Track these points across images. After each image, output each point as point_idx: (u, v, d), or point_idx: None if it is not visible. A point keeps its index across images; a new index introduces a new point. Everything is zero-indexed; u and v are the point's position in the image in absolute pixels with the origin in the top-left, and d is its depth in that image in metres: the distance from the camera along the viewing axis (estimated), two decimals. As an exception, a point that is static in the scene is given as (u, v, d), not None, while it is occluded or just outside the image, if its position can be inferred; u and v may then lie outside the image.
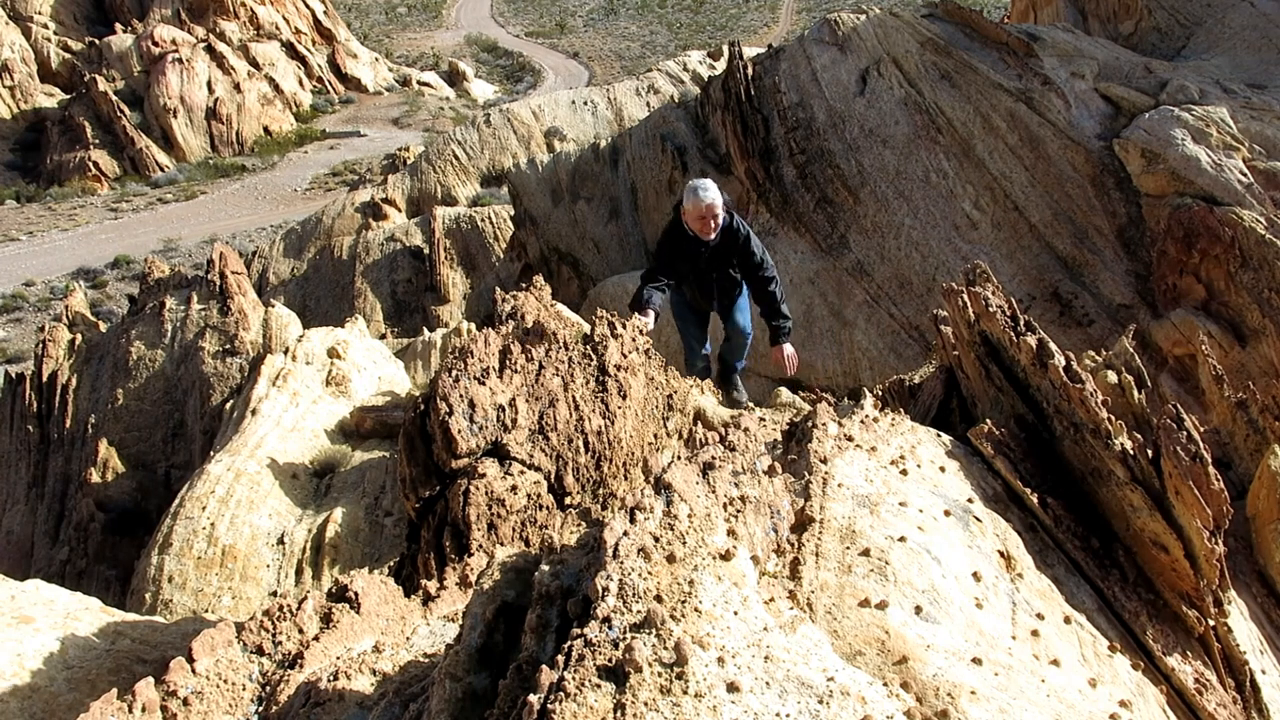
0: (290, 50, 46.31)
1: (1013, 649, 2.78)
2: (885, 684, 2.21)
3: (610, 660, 1.81)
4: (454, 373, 4.44)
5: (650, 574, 2.02)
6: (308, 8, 50.43)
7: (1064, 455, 3.92)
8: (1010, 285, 11.70)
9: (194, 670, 2.79)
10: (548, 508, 4.42)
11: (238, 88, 42.04)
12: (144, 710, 2.60)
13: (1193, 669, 3.42)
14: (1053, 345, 4.11)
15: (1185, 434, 3.55)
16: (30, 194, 36.36)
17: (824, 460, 3.31)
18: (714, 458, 2.68)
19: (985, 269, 5.54)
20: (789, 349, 6.48)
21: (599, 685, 1.76)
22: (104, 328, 11.85)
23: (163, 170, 38.20)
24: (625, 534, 2.09)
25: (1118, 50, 14.51)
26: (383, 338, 13.00)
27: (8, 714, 3.27)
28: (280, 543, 6.57)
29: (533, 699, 1.74)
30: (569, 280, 17.39)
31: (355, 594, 3.14)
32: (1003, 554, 3.26)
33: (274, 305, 10.79)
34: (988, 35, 14.00)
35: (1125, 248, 12.06)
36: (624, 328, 5.31)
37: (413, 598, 3.38)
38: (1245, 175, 11.35)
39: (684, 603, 2.01)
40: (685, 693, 1.81)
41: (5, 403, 11.11)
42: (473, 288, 20.40)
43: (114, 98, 39.09)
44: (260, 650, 2.95)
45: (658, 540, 2.13)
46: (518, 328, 4.93)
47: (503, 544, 4.15)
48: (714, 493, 2.51)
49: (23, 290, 27.03)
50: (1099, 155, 12.32)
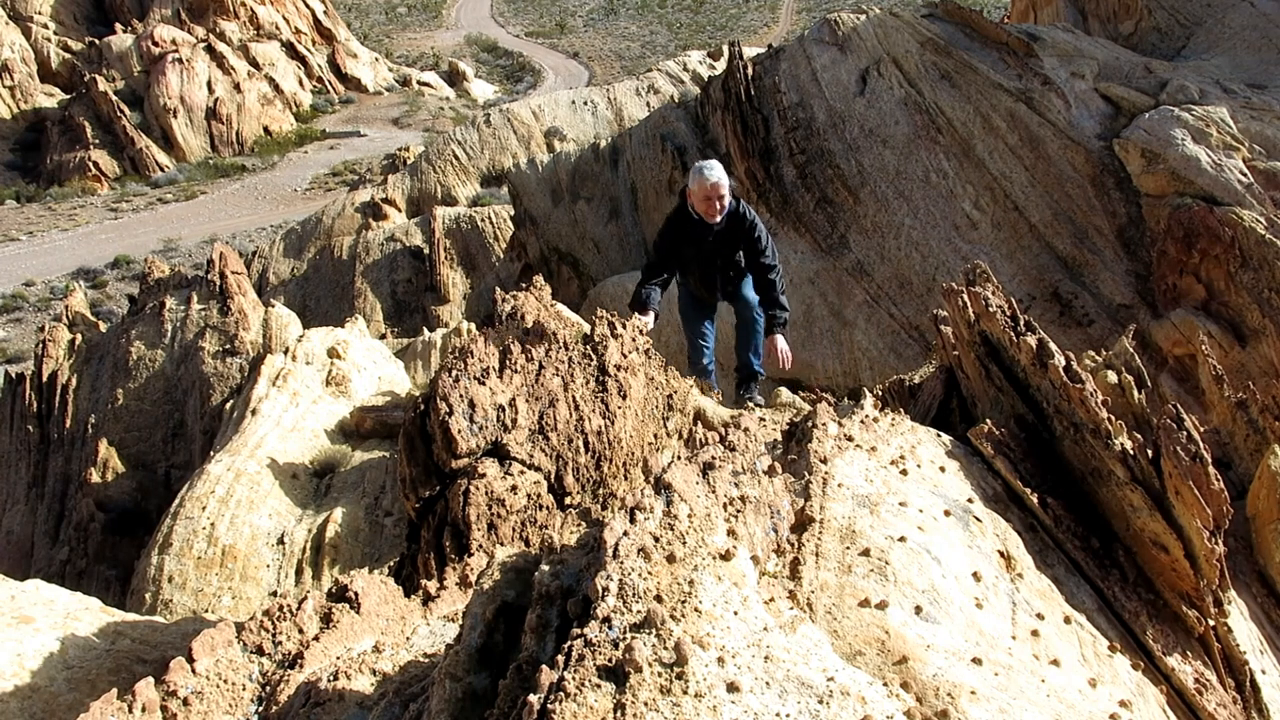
0: (290, 50, 46.32)
1: (1013, 649, 2.78)
2: (885, 684, 2.21)
3: (610, 660, 1.81)
4: (454, 373, 4.44)
5: (650, 574, 2.02)
6: (308, 8, 50.43)
7: (1064, 455, 3.92)
8: (1010, 285, 11.70)
9: (194, 670, 2.79)
10: (548, 508, 4.42)
11: (238, 88, 42.04)
12: (144, 710, 2.60)
13: (1193, 669, 3.42)
14: (1053, 345, 4.11)
15: (1185, 434, 3.55)
16: (30, 194, 36.36)
17: (824, 460, 3.31)
18: (714, 458, 2.68)
19: (985, 269, 5.55)
20: (783, 343, 6.39)
21: (599, 685, 1.76)
22: (104, 328, 11.85)
23: (163, 170, 38.20)
24: (625, 534, 2.09)
25: (1118, 50, 14.51)
26: (383, 338, 13.00)
27: (8, 714, 3.27)
28: (280, 543, 6.57)
29: (533, 699, 1.74)
30: (569, 280, 17.39)
31: (355, 594, 3.14)
32: (1003, 554, 3.26)
33: (274, 305, 10.79)
34: (988, 35, 14.00)
35: (1125, 248, 12.06)
36: (624, 328, 5.31)
37: (413, 598, 3.38)
38: (1245, 175, 11.35)
39: (684, 603, 2.01)
40: (685, 693, 1.81)
41: (5, 403, 11.12)
42: (473, 288, 20.40)
43: (114, 98, 39.10)
44: (260, 650, 2.95)
45: (658, 540, 2.13)
46: (518, 328, 4.93)
47: (503, 544, 4.15)
48: (714, 493, 2.51)
49: (23, 290, 27.04)
50: (1099, 155, 12.32)
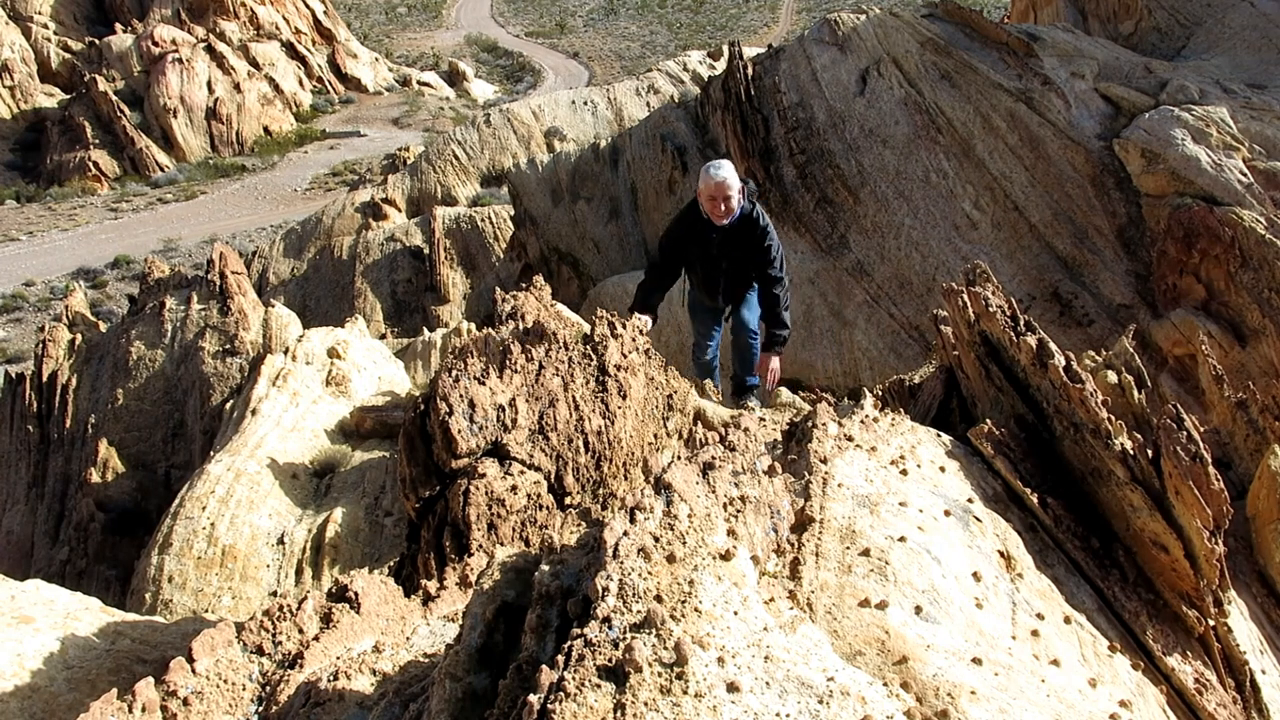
0: (290, 50, 46.32)
1: (1013, 649, 2.78)
2: (885, 684, 2.21)
3: (610, 660, 1.81)
4: (454, 373, 4.45)
5: (650, 574, 2.03)
6: (308, 8, 50.43)
7: (1064, 455, 3.92)
8: (1010, 285, 11.70)
9: (194, 670, 2.79)
10: (548, 508, 4.42)
11: (238, 88, 42.04)
12: (144, 710, 2.60)
13: (1193, 669, 3.42)
14: (1053, 345, 4.11)
15: (1185, 434, 3.55)
16: (30, 194, 36.36)
17: (824, 460, 3.31)
18: (714, 458, 2.68)
19: (985, 269, 5.54)
20: (775, 363, 6.29)
21: (599, 685, 1.76)
22: (104, 328, 11.85)
23: (163, 170, 38.20)
24: (625, 534, 2.09)
25: (1118, 50, 14.51)
26: (383, 338, 13.00)
27: (8, 714, 3.27)
28: (280, 543, 6.57)
29: (533, 699, 1.74)
30: (569, 280, 17.39)
31: (355, 594, 3.14)
32: (1003, 554, 3.26)
33: (274, 305, 10.79)
34: (988, 35, 14.00)
35: (1125, 248, 12.06)
36: (624, 328, 5.31)
37: (413, 598, 3.38)
38: (1245, 175, 11.34)
39: (684, 603, 2.01)
40: (685, 693, 1.81)
41: (5, 403, 11.11)
42: (473, 288, 20.40)
43: (114, 98, 39.10)
44: (260, 650, 2.95)
45: (658, 540, 2.13)
46: (518, 328, 4.93)
47: (503, 544, 4.15)
48: (714, 493, 2.51)
49: (23, 290, 27.04)
50: (1099, 155, 12.32)
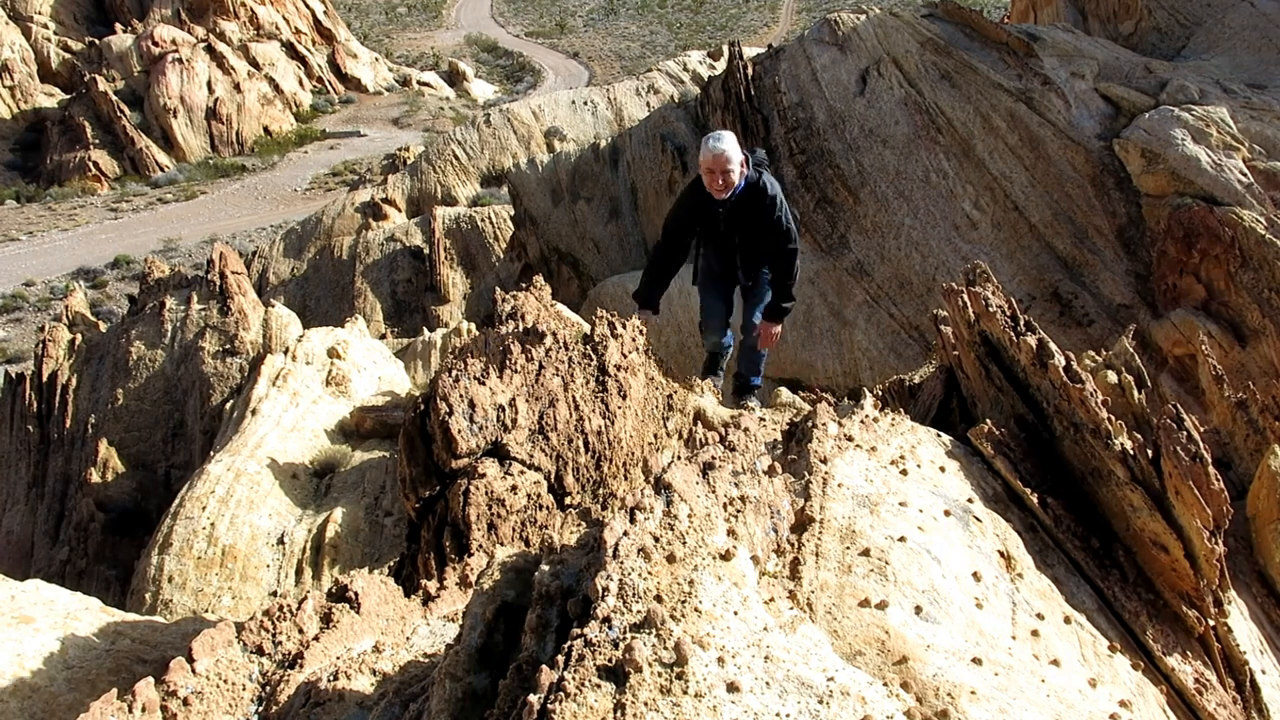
0: (290, 50, 46.31)
1: (1013, 649, 2.78)
2: (885, 684, 2.21)
3: (610, 660, 1.81)
4: (454, 373, 4.45)
5: (650, 574, 2.03)
6: (308, 8, 50.42)
7: (1064, 455, 3.92)
8: (1010, 285, 11.70)
9: (194, 670, 2.79)
10: (548, 508, 4.42)
11: (238, 88, 42.04)
12: (144, 710, 2.60)
13: (1193, 669, 3.42)
14: (1053, 345, 4.11)
15: (1185, 434, 3.55)
16: (30, 194, 36.35)
17: (824, 460, 3.31)
18: (714, 458, 2.68)
19: (985, 269, 5.54)
20: (776, 329, 6.09)
21: (599, 685, 1.76)
22: (104, 328, 11.85)
23: (163, 170, 38.20)
24: (625, 534, 2.09)
25: (1118, 50, 14.51)
26: (383, 338, 13.01)
27: (8, 714, 3.27)
28: (280, 543, 6.57)
29: (533, 699, 1.74)
30: (569, 280, 17.39)
31: (355, 594, 3.14)
32: (1003, 554, 3.26)
33: (274, 305, 10.79)
34: (988, 35, 14.00)
35: (1125, 248, 12.06)
36: (624, 327, 5.31)
37: (413, 598, 3.38)
38: (1245, 175, 11.35)
39: (684, 603, 2.01)
40: (685, 693, 1.81)
41: (5, 403, 11.11)
42: (473, 288, 20.40)
43: (114, 98, 39.09)
44: (260, 650, 2.95)
45: (658, 540, 2.13)
46: (518, 328, 4.93)
47: (503, 544, 4.15)
48: (714, 493, 2.51)
49: (23, 290, 27.03)
50: (1099, 155, 12.32)
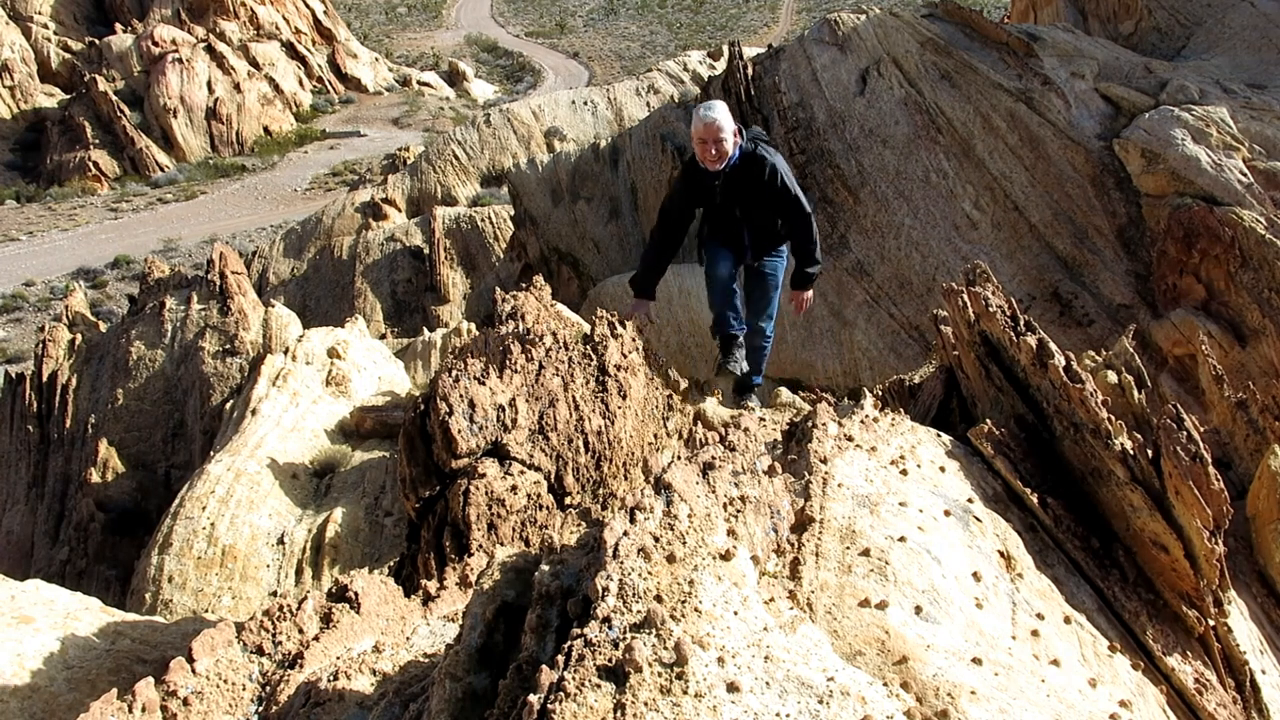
0: (290, 50, 46.31)
1: (1013, 649, 2.78)
2: (885, 684, 2.21)
3: (610, 660, 1.81)
4: (454, 373, 4.45)
5: (650, 574, 2.03)
6: (308, 8, 50.42)
7: (1064, 455, 3.92)
8: (1010, 285, 11.70)
9: (194, 670, 2.79)
10: (548, 508, 4.42)
11: (238, 88, 42.04)
12: (144, 710, 2.60)
13: (1193, 669, 3.42)
14: (1053, 345, 4.11)
15: (1185, 434, 3.55)
16: (30, 194, 36.35)
17: (824, 460, 3.31)
18: (714, 458, 2.68)
19: (985, 269, 5.54)
20: (809, 294, 5.91)
21: (599, 685, 1.76)
22: (104, 328, 11.85)
23: (163, 170, 38.19)
24: (625, 534, 2.09)
25: (1118, 50, 14.51)
26: (383, 338, 13.01)
27: (8, 714, 3.27)
28: (280, 543, 6.57)
29: (533, 699, 1.74)
30: (569, 280, 17.39)
31: (355, 594, 3.14)
32: (1003, 554, 3.26)
33: (274, 305, 10.79)
34: (988, 35, 14.00)
35: (1125, 248, 12.06)
36: (624, 327, 5.32)
37: (413, 598, 3.38)
38: (1245, 175, 11.35)
39: (684, 603, 2.01)
40: (685, 693, 1.81)
41: (5, 403, 11.12)
42: (473, 288, 20.41)
43: (114, 98, 39.09)
44: (260, 650, 2.95)
45: (658, 540, 2.13)
46: (518, 328, 4.93)
47: (503, 544, 4.15)
48: (714, 493, 2.51)
49: (23, 290, 27.03)
50: (1099, 155, 12.32)
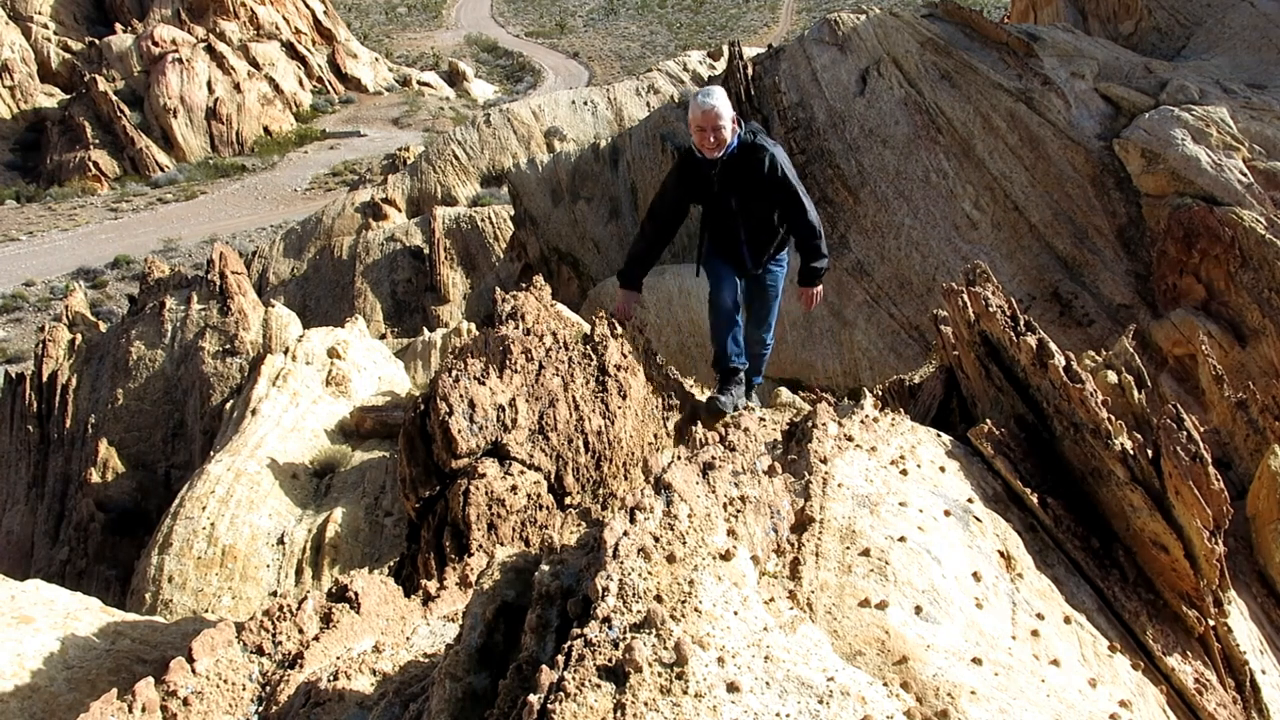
0: (290, 50, 46.30)
1: (1013, 649, 2.78)
2: (885, 684, 2.21)
3: (610, 660, 1.81)
4: (454, 373, 4.45)
5: (650, 574, 2.03)
6: (308, 8, 50.41)
7: (1064, 455, 3.92)
8: (1010, 285, 11.70)
9: (194, 670, 2.79)
10: (548, 508, 4.42)
11: (238, 88, 42.03)
12: (144, 710, 2.60)
13: (1193, 669, 3.42)
14: (1053, 345, 4.11)
15: (1185, 434, 3.55)
16: (30, 194, 36.34)
17: (824, 460, 3.31)
18: (714, 458, 2.68)
19: (985, 269, 5.53)
20: (819, 289, 5.66)
21: (599, 685, 1.76)
22: (104, 328, 11.85)
23: (163, 170, 38.19)
24: (625, 534, 2.09)
25: (1118, 50, 14.52)
26: (383, 338, 13.01)
27: (8, 714, 3.27)
28: (280, 543, 6.57)
29: (533, 699, 1.74)
30: (569, 280, 17.39)
31: (355, 594, 3.14)
32: (1003, 554, 3.26)
33: (274, 305, 10.79)
34: (988, 35, 14.00)
35: (1125, 248, 12.06)
36: (624, 327, 5.32)
37: (413, 598, 3.38)
38: (1245, 175, 11.35)
39: (684, 603, 2.01)
40: (685, 693, 1.81)
41: (5, 403, 11.12)
42: (473, 288, 20.41)
43: (114, 98, 39.08)
44: (260, 650, 2.95)
45: (658, 540, 2.13)
46: (518, 328, 4.93)
47: (503, 544, 4.15)
48: (714, 493, 2.51)
49: (23, 290, 27.03)
50: (1099, 155, 12.32)
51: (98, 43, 43.81)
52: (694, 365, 12.58)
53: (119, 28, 45.27)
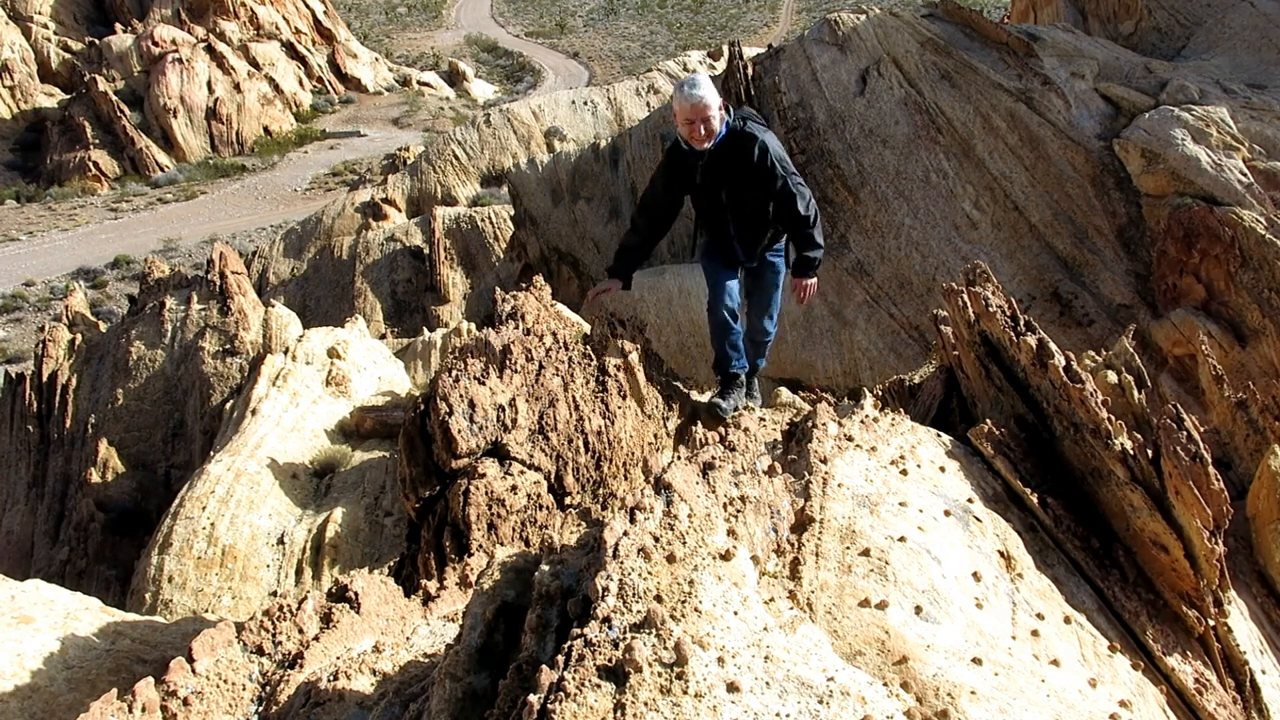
0: (290, 50, 46.31)
1: (1013, 649, 2.78)
2: (885, 684, 2.21)
3: (610, 660, 1.81)
4: (454, 373, 4.45)
5: (650, 574, 2.03)
6: (308, 8, 50.42)
7: (1064, 455, 3.92)
8: (1010, 285, 11.69)
9: (194, 670, 2.79)
10: (548, 508, 4.42)
11: (238, 88, 42.04)
12: (144, 710, 2.60)
13: (1193, 669, 3.42)
14: (1053, 345, 4.11)
15: (1185, 434, 3.55)
16: (30, 194, 36.35)
17: (824, 460, 3.31)
18: (714, 458, 2.68)
19: (985, 269, 5.53)
20: (812, 281, 5.45)
21: (599, 685, 1.76)
22: (104, 328, 11.85)
23: (163, 170, 38.19)
24: (625, 534, 2.09)
25: (1118, 50, 14.51)
26: (383, 338, 13.01)
27: (8, 714, 3.27)
28: (280, 543, 6.57)
29: (533, 699, 1.74)
30: (569, 280, 17.39)
31: (355, 594, 3.14)
32: (1003, 554, 3.26)
33: (274, 305, 10.79)
34: (988, 35, 14.00)
35: (1125, 248, 12.06)
36: (624, 327, 5.32)
37: (413, 598, 3.38)
38: (1245, 175, 11.34)
39: (684, 603, 2.01)
40: (685, 693, 1.81)
41: (5, 403, 11.12)
42: (473, 288, 20.40)
43: (114, 98, 39.09)
44: (260, 650, 2.95)
45: (658, 540, 2.13)
46: (518, 328, 4.93)
47: (503, 544, 4.15)
48: (714, 493, 2.51)
49: (23, 290, 27.03)
50: (1099, 155, 12.32)
51: (98, 43, 43.82)
52: (694, 365, 12.59)
53: (119, 28, 45.28)
